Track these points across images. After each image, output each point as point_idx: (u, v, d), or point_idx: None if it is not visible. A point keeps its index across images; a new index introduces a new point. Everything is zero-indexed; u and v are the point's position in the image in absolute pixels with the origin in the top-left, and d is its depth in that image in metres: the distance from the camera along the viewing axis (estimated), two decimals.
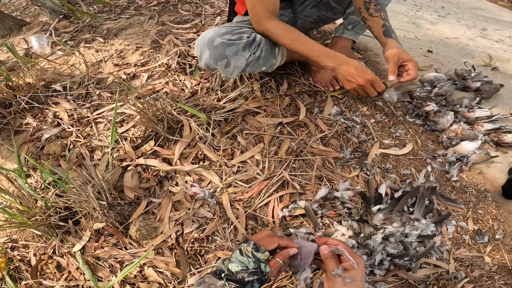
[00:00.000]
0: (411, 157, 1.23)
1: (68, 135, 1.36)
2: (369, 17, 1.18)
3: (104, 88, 1.50)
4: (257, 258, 0.71)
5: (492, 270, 1.04)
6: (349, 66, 1.09)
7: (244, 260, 0.71)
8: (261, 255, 0.72)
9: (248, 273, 0.69)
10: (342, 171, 1.17)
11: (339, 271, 0.70)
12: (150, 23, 1.81)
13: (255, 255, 0.71)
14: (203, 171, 1.16)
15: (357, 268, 0.70)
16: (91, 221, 1.14)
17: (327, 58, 1.10)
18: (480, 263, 1.05)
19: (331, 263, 0.73)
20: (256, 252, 0.72)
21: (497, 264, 1.05)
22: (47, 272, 1.12)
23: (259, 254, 0.72)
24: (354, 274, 0.70)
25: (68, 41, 1.80)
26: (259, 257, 0.71)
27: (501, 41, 2.14)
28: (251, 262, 0.70)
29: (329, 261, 0.73)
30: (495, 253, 1.07)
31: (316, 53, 1.10)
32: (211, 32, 1.08)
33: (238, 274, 0.69)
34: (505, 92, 1.53)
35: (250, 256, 0.71)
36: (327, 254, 0.74)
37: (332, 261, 0.73)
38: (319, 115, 1.29)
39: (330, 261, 0.73)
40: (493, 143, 1.29)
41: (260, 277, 0.70)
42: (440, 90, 1.40)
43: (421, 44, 1.81)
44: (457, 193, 1.18)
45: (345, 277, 0.69)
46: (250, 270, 0.70)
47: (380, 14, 1.16)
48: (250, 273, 0.69)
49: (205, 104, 1.26)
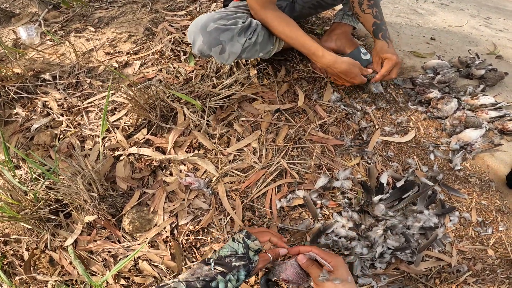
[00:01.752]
0: (413, 145, 1.18)
1: (58, 125, 1.32)
2: (361, 13, 1.17)
3: (95, 76, 1.45)
4: (247, 244, 0.75)
5: (495, 264, 1.02)
6: (338, 70, 1.12)
7: (235, 245, 0.75)
8: (251, 243, 0.75)
9: (236, 257, 0.73)
10: (342, 159, 1.13)
11: (324, 276, 0.70)
12: (143, 11, 1.76)
13: (245, 241, 0.75)
14: (198, 160, 1.11)
15: (339, 268, 0.70)
16: (83, 214, 1.10)
17: (316, 57, 1.11)
18: (483, 256, 1.02)
19: (314, 270, 0.73)
20: (247, 239, 0.76)
21: (500, 257, 1.02)
22: (40, 267, 1.09)
23: (249, 241, 0.76)
24: (340, 274, 0.70)
25: (58, 31, 1.75)
26: (249, 244, 0.75)
27: (505, 30, 2.09)
28: (240, 247, 0.74)
29: (310, 269, 0.73)
30: (499, 246, 1.04)
31: (306, 51, 1.10)
32: (205, 17, 1.04)
33: (226, 258, 0.72)
34: (510, 80, 1.49)
35: (241, 241, 0.75)
36: (306, 263, 0.74)
37: (313, 267, 0.73)
38: (318, 101, 1.25)
39: (312, 268, 0.73)
40: (498, 131, 1.25)
41: (247, 263, 0.73)
42: (443, 77, 1.35)
43: (423, 32, 1.76)
44: (460, 182, 1.14)
45: (333, 279, 0.69)
46: (239, 255, 0.73)
47: (372, 10, 1.15)
48: (238, 258, 0.73)
49: (199, 91, 1.21)
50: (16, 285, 1.07)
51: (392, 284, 0.98)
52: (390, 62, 1.11)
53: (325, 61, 1.10)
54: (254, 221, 1.04)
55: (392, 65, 1.12)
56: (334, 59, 1.10)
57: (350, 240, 1.00)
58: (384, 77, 1.14)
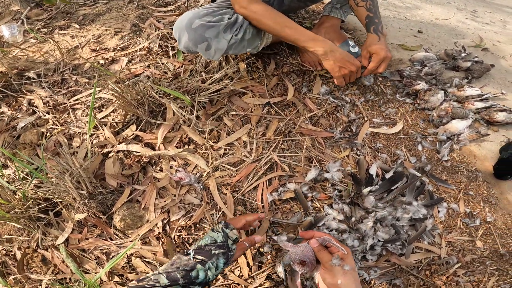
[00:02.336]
0: (402, 136, 1.20)
1: (44, 123, 1.29)
2: (355, 6, 1.16)
3: (81, 73, 1.42)
4: (225, 233, 0.79)
5: (483, 255, 1.03)
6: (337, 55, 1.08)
7: (214, 235, 0.78)
8: (229, 231, 0.80)
9: (216, 246, 0.75)
10: (332, 152, 1.13)
11: (337, 260, 0.70)
12: (130, 7, 1.73)
13: (224, 230, 0.79)
14: (188, 155, 1.11)
15: (349, 255, 0.72)
16: (73, 212, 1.09)
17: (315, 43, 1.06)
18: (472, 247, 1.04)
19: (325, 255, 0.73)
20: (226, 228, 0.80)
21: (488, 248, 1.04)
22: (34, 266, 1.09)
23: (227, 230, 0.80)
24: (349, 261, 0.71)
25: (41, 29, 1.72)
26: (228, 232, 0.79)
27: (492, 23, 2.12)
28: (219, 236, 0.77)
29: (322, 253, 0.73)
30: (487, 237, 1.06)
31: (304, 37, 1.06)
32: (190, 14, 1.04)
33: (206, 247, 0.74)
34: (496, 72, 1.52)
35: (220, 231, 0.79)
36: (318, 247, 0.74)
37: (324, 252, 0.73)
38: (308, 94, 1.25)
39: (323, 252, 0.73)
40: (484, 122, 1.28)
41: (226, 251, 0.75)
42: (430, 69, 1.37)
43: (411, 25, 1.78)
44: (448, 173, 1.16)
45: (343, 265, 0.70)
46: (218, 244, 0.76)
47: (366, 3, 1.14)
48: (217, 246, 0.75)
49: (188, 86, 1.20)
50: (11, 285, 1.05)
51: (384, 276, 0.99)
52: (377, 57, 1.10)
53: (326, 45, 1.06)
54: None
55: (379, 60, 1.10)
56: (332, 43, 1.08)
57: (341, 232, 1.01)
58: (372, 71, 1.14)
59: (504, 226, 1.08)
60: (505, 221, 1.09)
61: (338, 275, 0.68)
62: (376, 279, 0.99)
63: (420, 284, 0.99)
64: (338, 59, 1.08)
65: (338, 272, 0.69)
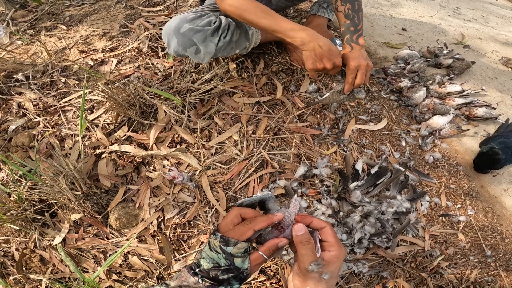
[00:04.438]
0: (386, 132, 1.25)
1: (35, 125, 1.30)
2: (336, 11, 1.09)
3: (70, 75, 1.43)
4: (228, 253, 0.57)
5: (466, 248, 1.08)
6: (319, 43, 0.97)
7: (214, 256, 0.58)
8: (232, 249, 0.57)
9: (221, 271, 0.57)
10: (320, 148, 1.18)
11: (317, 266, 0.54)
12: (118, 8, 1.73)
13: (225, 250, 0.57)
14: (181, 155, 1.13)
15: (338, 261, 0.56)
16: (68, 212, 1.11)
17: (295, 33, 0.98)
18: (454, 240, 1.09)
19: (306, 251, 0.55)
20: (226, 247, 0.57)
21: (470, 241, 1.09)
22: (32, 266, 1.10)
23: (229, 248, 0.57)
24: (333, 269, 0.55)
25: (27, 30, 1.70)
26: (231, 251, 0.57)
27: (474, 20, 2.19)
28: (221, 258, 0.57)
29: (303, 248, 0.55)
30: (468, 230, 1.11)
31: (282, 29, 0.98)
32: (177, 19, 1.06)
33: (210, 272, 0.58)
34: (477, 68, 1.58)
35: (219, 251, 0.58)
36: (301, 237, 0.56)
37: (307, 248, 0.55)
38: (296, 93, 1.29)
39: (305, 248, 0.55)
40: (465, 117, 1.34)
41: (237, 274, 0.58)
42: (413, 66, 1.42)
43: (396, 23, 1.83)
44: (430, 167, 1.21)
45: (323, 273, 0.54)
46: (223, 268, 0.57)
47: (344, 8, 1.06)
48: (224, 271, 0.57)
49: (179, 86, 1.23)
50: (11, 285, 1.07)
51: (372, 268, 1.03)
52: (348, 69, 1.00)
53: (304, 35, 0.97)
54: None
55: (352, 71, 0.99)
56: (314, 32, 0.99)
57: None
58: (351, 85, 1.03)
59: (485, 219, 1.13)
60: (486, 214, 1.14)
61: (309, 282, 0.55)
62: (364, 271, 1.03)
63: (406, 276, 1.04)
64: (317, 52, 0.97)
65: (312, 279, 0.54)
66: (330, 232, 0.57)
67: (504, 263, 1.08)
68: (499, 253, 1.09)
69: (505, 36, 2.01)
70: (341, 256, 0.56)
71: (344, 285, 1.01)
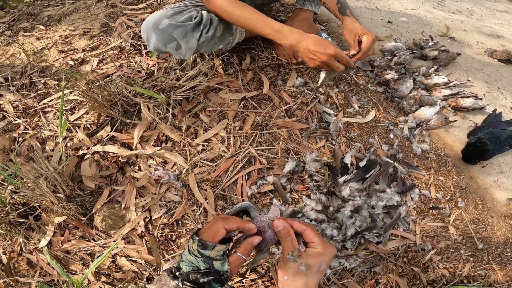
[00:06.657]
0: (374, 125, 1.25)
1: (15, 128, 1.25)
2: None
3: (50, 76, 1.38)
4: (206, 257, 0.59)
5: (457, 241, 1.08)
6: (308, 43, 0.99)
7: (193, 260, 0.59)
8: (211, 252, 0.59)
9: (201, 274, 0.59)
10: (308, 143, 1.17)
11: (295, 254, 0.58)
12: (99, 6, 1.68)
13: (203, 254, 0.59)
14: (166, 153, 1.11)
15: (321, 257, 0.58)
16: (52, 215, 1.08)
17: (282, 35, 1.00)
18: (445, 233, 1.08)
19: (286, 244, 0.60)
20: (204, 250, 0.59)
21: (461, 234, 1.09)
22: (20, 269, 1.08)
23: (207, 251, 0.59)
24: (313, 262, 0.57)
25: (5, 31, 1.65)
26: (209, 254, 0.59)
27: (458, 12, 2.21)
28: (200, 261, 0.59)
29: (283, 241, 0.60)
30: (459, 223, 1.10)
31: (271, 30, 1.00)
32: (156, 15, 1.03)
33: (190, 275, 0.59)
34: (462, 60, 1.59)
35: (198, 255, 0.59)
36: (282, 231, 0.60)
37: (287, 240, 0.60)
38: (283, 87, 1.27)
39: (286, 240, 0.60)
40: (452, 108, 1.34)
41: (217, 277, 0.59)
42: (399, 59, 1.42)
43: (381, 15, 1.82)
44: (418, 159, 1.21)
45: (301, 263, 0.57)
46: (202, 271, 0.59)
47: None
48: (203, 274, 0.59)
49: (163, 84, 1.20)
50: None
51: (364, 264, 1.02)
52: (370, 38, 1.02)
53: (293, 37, 0.99)
54: (226, 209, 1.06)
55: (372, 41, 1.03)
56: (302, 32, 1.01)
57: (320, 222, 1.04)
58: (366, 53, 1.05)
59: (475, 211, 1.13)
60: (476, 206, 1.14)
61: (288, 271, 0.58)
62: (356, 267, 1.02)
63: (399, 271, 1.03)
64: (306, 50, 0.99)
65: (290, 268, 0.58)
66: (312, 233, 0.60)
67: (497, 257, 1.08)
68: (491, 246, 1.09)
69: (490, 27, 2.03)
70: (327, 253, 0.58)
71: (337, 281, 1.01)
